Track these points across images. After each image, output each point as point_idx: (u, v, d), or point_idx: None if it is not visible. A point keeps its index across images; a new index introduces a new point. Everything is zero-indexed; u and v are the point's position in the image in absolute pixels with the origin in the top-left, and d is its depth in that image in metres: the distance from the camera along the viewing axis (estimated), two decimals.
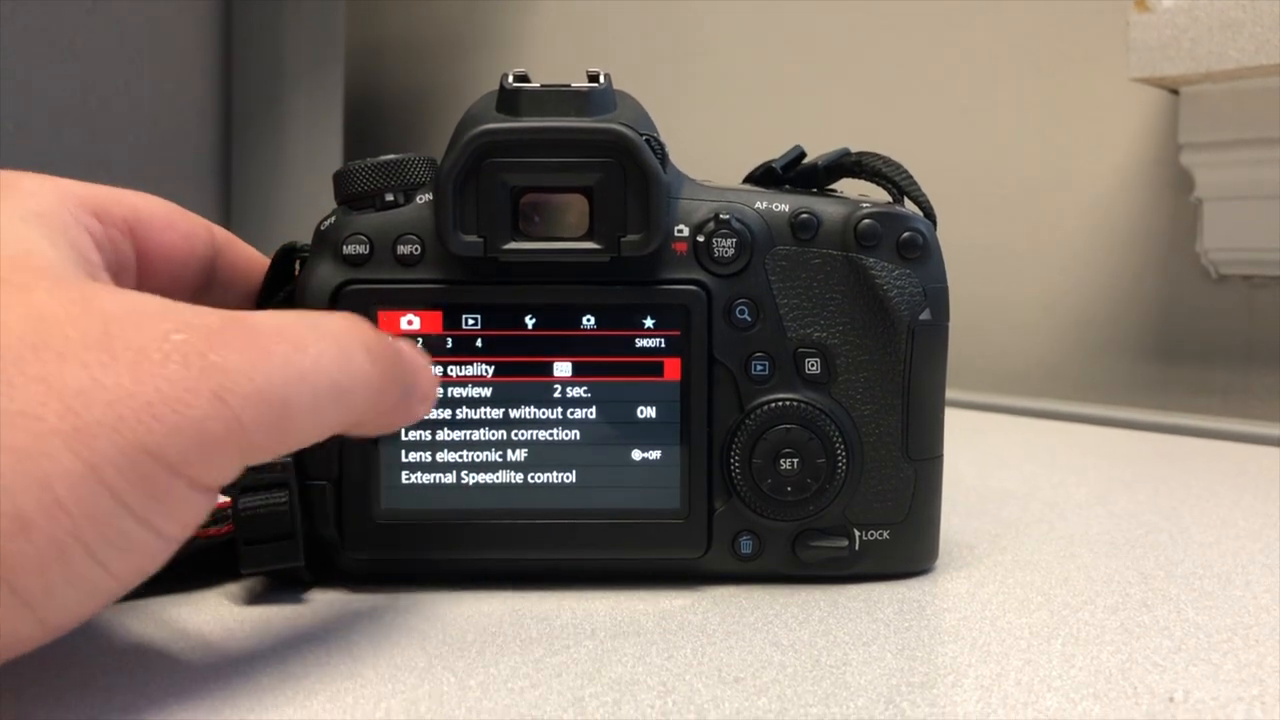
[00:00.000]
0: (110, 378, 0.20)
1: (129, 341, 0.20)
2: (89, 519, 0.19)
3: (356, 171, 0.29)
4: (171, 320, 0.21)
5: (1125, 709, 0.23)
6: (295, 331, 0.23)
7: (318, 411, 0.23)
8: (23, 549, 0.18)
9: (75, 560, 0.19)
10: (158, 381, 0.20)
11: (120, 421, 0.19)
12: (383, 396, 0.25)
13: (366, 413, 0.24)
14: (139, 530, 0.20)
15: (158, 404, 0.20)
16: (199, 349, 0.21)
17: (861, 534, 0.31)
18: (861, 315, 0.30)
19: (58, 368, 0.19)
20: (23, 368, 0.19)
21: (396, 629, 0.27)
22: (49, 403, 0.19)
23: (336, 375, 0.23)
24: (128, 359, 0.20)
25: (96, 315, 0.20)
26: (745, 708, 0.23)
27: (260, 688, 0.23)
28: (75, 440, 0.19)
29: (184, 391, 0.20)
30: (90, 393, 0.19)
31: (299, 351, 0.22)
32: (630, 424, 0.30)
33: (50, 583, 0.19)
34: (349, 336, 0.24)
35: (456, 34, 1.08)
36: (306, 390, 0.22)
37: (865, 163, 0.32)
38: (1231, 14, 0.55)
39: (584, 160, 0.29)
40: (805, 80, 0.83)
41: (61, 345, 0.20)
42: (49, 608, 0.19)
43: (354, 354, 0.24)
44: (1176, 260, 0.67)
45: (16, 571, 0.18)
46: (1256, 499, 0.42)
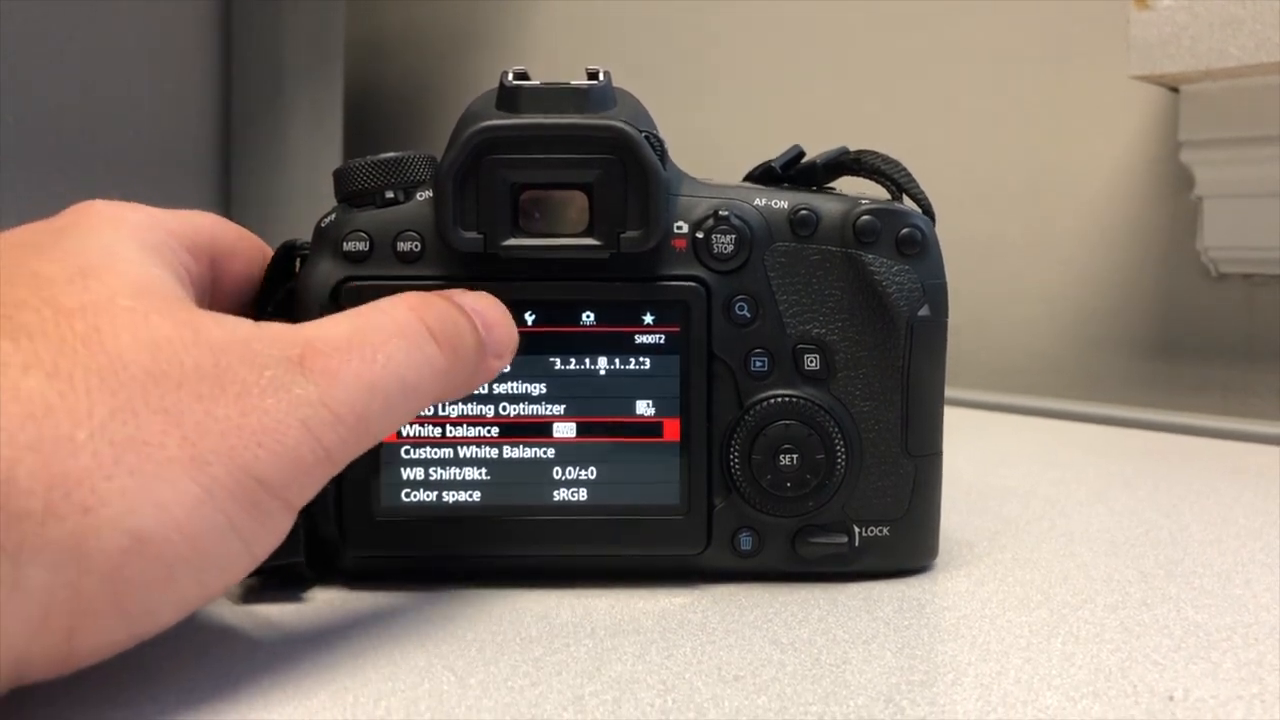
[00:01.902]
0: (221, 409, 0.21)
1: (235, 375, 0.22)
2: (202, 539, 0.21)
3: (356, 169, 0.29)
4: (264, 354, 0.23)
5: (1125, 707, 0.23)
6: (363, 338, 0.24)
7: (393, 411, 0.25)
8: (136, 565, 0.20)
9: (180, 579, 0.21)
10: (259, 414, 0.22)
11: (232, 450, 0.21)
12: (454, 375, 0.26)
13: (442, 392, 0.26)
14: (240, 549, 0.22)
15: (260, 434, 0.22)
16: (285, 382, 0.23)
17: (861, 530, 0.31)
18: (861, 311, 0.30)
19: (175, 399, 0.21)
20: (146, 398, 0.21)
21: (396, 627, 0.27)
22: (170, 431, 0.21)
23: (406, 373, 0.25)
24: (234, 391, 0.22)
25: (206, 347, 0.22)
26: (745, 706, 0.23)
27: (260, 685, 0.23)
28: (193, 467, 0.21)
29: (278, 423, 0.22)
30: (204, 424, 0.21)
31: (367, 362, 0.24)
32: (630, 420, 0.30)
33: (153, 599, 0.21)
34: (415, 328, 0.25)
35: (456, 32, 1.08)
36: (379, 399, 0.24)
37: (864, 160, 0.32)
38: (1232, 11, 0.55)
39: (584, 157, 0.29)
40: (804, 78, 0.83)
41: (179, 376, 0.21)
42: (143, 620, 0.21)
43: (421, 346, 0.25)
44: (1176, 258, 0.67)
45: (126, 586, 0.20)
46: (1256, 497, 0.41)
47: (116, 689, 0.23)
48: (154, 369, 0.21)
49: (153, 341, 0.21)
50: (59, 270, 0.22)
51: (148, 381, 0.21)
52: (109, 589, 0.20)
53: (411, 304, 0.26)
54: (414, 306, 0.26)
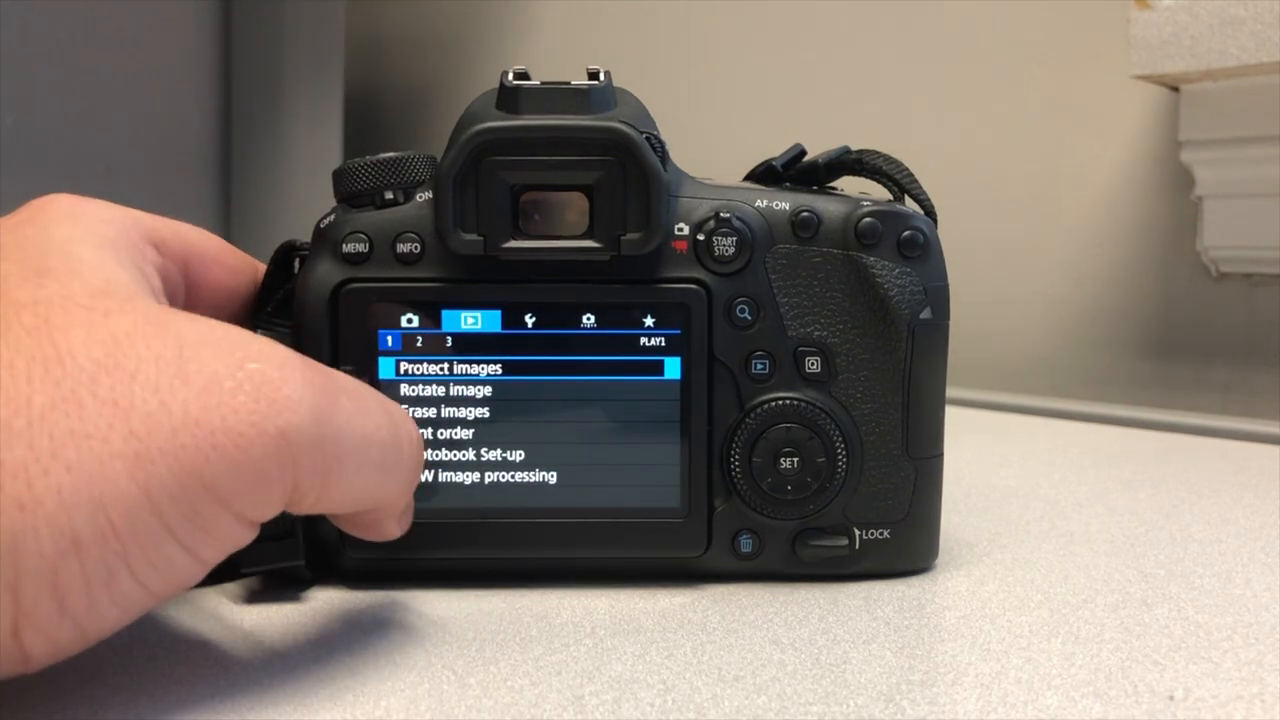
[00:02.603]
0: (178, 403, 0.20)
1: (203, 365, 0.20)
2: (137, 543, 0.19)
3: (356, 169, 0.29)
4: (247, 349, 0.21)
5: (1125, 707, 0.23)
6: (360, 394, 0.23)
7: (358, 479, 0.23)
8: (73, 568, 0.19)
9: (120, 581, 0.20)
10: (224, 412, 0.20)
11: (181, 450, 0.20)
12: (402, 495, 0.25)
13: (389, 501, 0.25)
14: (181, 555, 0.20)
15: (220, 435, 0.20)
16: (273, 380, 0.21)
17: (862, 533, 0.31)
18: (862, 314, 0.30)
19: (128, 389, 0.20)
20: (94, 388, 0.19)
21: (396, 628, 0.27)
22: (116, 425, 0.19)
23: (385, 452, 0.23)
24: (199, 384, 0.20)
25: (172, 337, 0.21)
26: (745, 706, 0.23)
27: (260, 686, 0.23)
28: (135, 465, 0.19)
29: (249, 426, 0.20)
30: (156, 417, 0.20)
31: (361, 414, 0.23)
32: (630, 422, 0.30)
33: (95, 600, 0.19)
34: (403, 424, 0.24)
35: (456, 32, 1.07)
36: (359, 454, 0.23)
37: (866, 160, 0.32)
38: (1232, 11, 0.55)
39: (584, 158, 0.29)
40: (806, 78, 0.83)
41: (135, 366, 0.20)
42: (90, 621, 0.20)
43: (403, 441, 0.24)
44: (1177, 258, 0.67)
45: (65, 588, 0.19)
46: (1257, 497, 0.41)
47: (115, 689, 0.23)
48: (106, 361, 0.20)
49: (110, 336, 0.20)
50: (14, 268, 0.22)
51: (98, 372, 0.20)
52: (48, 590, 0.19)
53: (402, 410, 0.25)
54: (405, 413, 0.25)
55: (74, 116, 0.79)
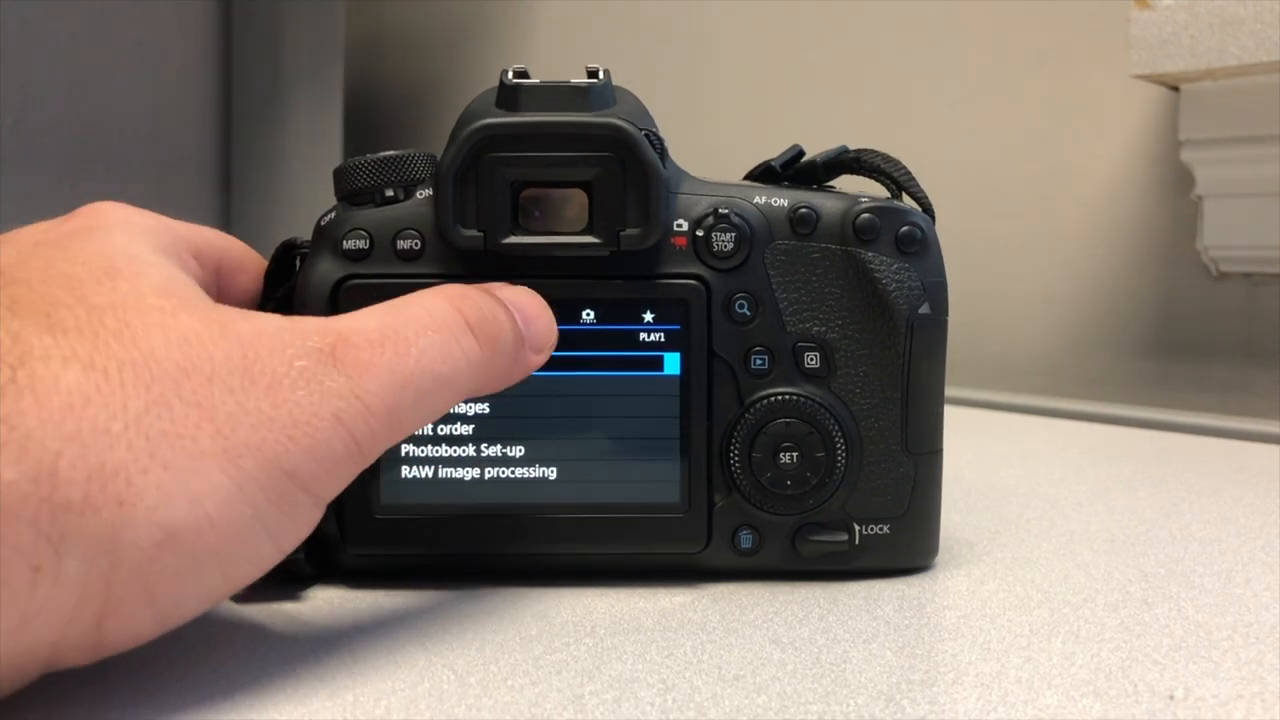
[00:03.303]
0: (252, 402, 0.22)
1: (264, 366, 0.22)
2: (231, 532, 0.21)
3: (356, 168, 0.29)
4: (294, 345, 0.23)
5: (1125, 707, 0.23)
6: (397, 331, 0.24)
7: (425, 404, 0.25)
8: (167, 559, 0.20)
9: (208, 571, 0.21)
10: (290, 406, 0.22)
11: (263, 443, 0.21)
12: (490, 368, 0.26)
13: (478, 386, 0.26)
14: (267, 542, 0.22)
15: (291, 427, 0.22)
16: (316, 374, 0.23)
17: (861, 528, 0.31)
18: (861, 309, 0.30)
19: (208, 391, 0.21)
20: (179, 392, 0.21)
21: (396, 625, 0.27)
22: (202, 425, 0.21)
23: (440, 368, 0.25)
24: (264, 383, 0.22)
25: (234, 339, 0.22)
26: (745, 705, 0.23)
27: (260, 684, 0.23)
28: (225, 460, 0.21)
29: (310, 415, 0.22)
30: (236, 416, 0.21)
31: (401, 356, 0.24)
32: (630, 418, 0.30)
33: (182, 590, 0.21)
34: (451, 320, 0.25)
35: (456, 30, 1.08)
36: (411, 392, 0.24)
37: (864, 159, 0.32)
38: (1232, 11, 0.55)
39: (583, 155, 0.29)
40: (804, 77, 0.83)
41: (209, 369, 0.21)
42: (173, 611, 0.21)
43: (458, 339, 0.25)
44: (1176, 257, 0.67)
45: (156, 580, 0.20)
46: (1257, 496, 0.41)
47: (114, 688, 0.23)
48: (184, 363, 0.21)
49: (182, 337, 0.22)
50: (86, 271, 0.23)
51: (179, 375, 0.21)
52: (140, 580, 0.20)
53: (449, 296, 0.26)
54: (452, 299, 0.26)
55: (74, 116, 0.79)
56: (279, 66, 0.90)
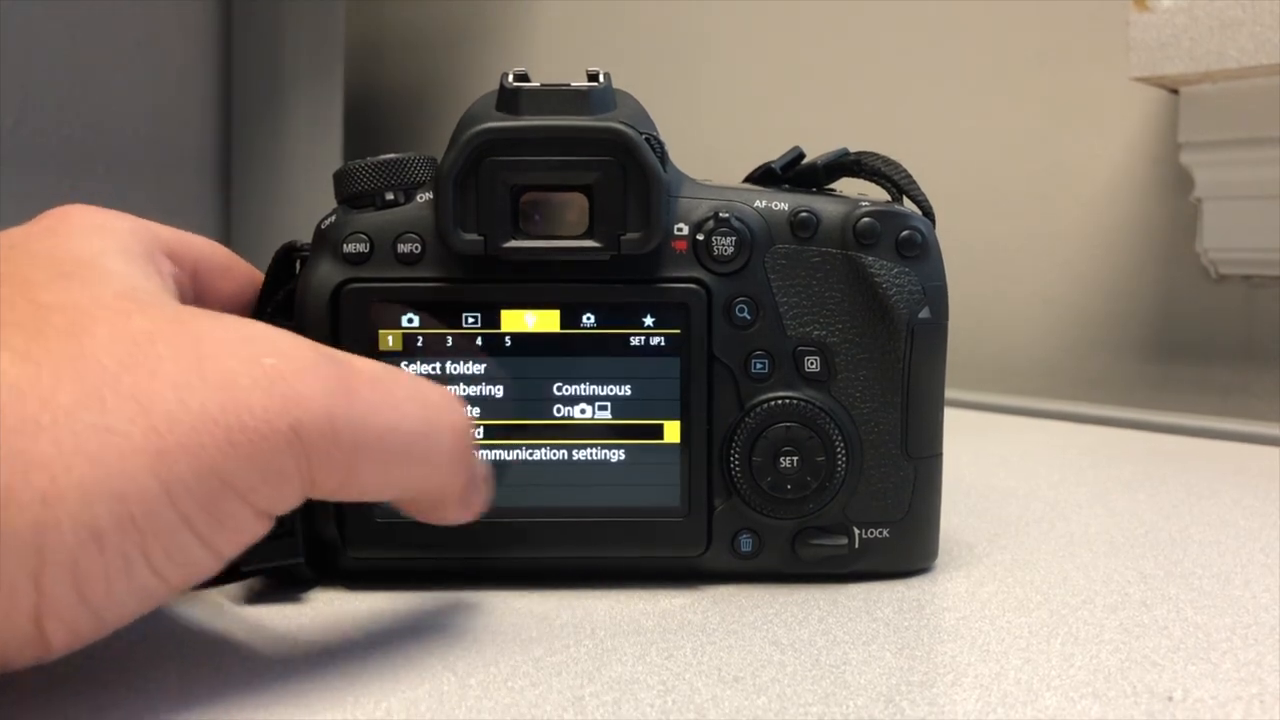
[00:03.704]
0: (196, 401, 0.20)
1: (220, 366, 0.21)
2: (156, 536, 0.20)
3: (356, 171, 0.29)
4: (266, 345, 0.22)
5: (1124, 708, 0.23)
6: (390, 385, 0.23)
7: (386, 469, 0.23)
8: (93, 559, 0.19)
9: (138, 572, 0.20)
10: (240, 411, 0.21)
11: (200, 448, 0.20)
12: (451, 480, 0.25)
13: (430, 491, 0.25)
14: (199, 548, 0.21)
15: (237, 432, 0.20)
16: (286, 377, 0.21)
17: (861, 532, 0.31)
18: (861, 313, 0.30)
19: (149, 386, 0.20)
20: (116, 385, 0.20)
21: (397, 628, 0.27)
22: (137, 420, 0.20)
23: (415, 442, 0.23)
24: (216, 382, 0.21)
25: (190, 335, 0.21)
26: (745, 707, 0.23)
27: (260, 687, 0.23)
28: (156, 460, 0.20)
29: (262, 422, 0.21)
30: (176, 415, 0.20)
31: (387, 407, 0.23)
32: (630, 422, 0.30)
33: (113, 590, 0.20)
34: (441, 411, 0.24)
35: (456, 33, 1.08)
36: (380, 446, 0.23)
37: (864, 162, 0.32)
38: (1231, 13, 0.55)
39: (584, 159, 0.29)
40: (805, 80, 0.83)
41: (154, 364, 0.20)
42: (109, 611, 0.20)
43: (440, 430, 0.24)
44: (1176, 260, 0.67)
45: (85, 578, 0.19)
46: (1256, 499, 0.42)
47: (115, 689, 0.23)
48: (128, 360, 0.20)
49: (130, 336, 0.21)
50: (42, 274, 0.22)
51: (120, 371, 0.20)
52: (69, 579, 0.19)
53: (450, 394, 0.25)
54: (452, 396, 0.25)
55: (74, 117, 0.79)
56: (279, 66, 0.90)
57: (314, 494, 0.22)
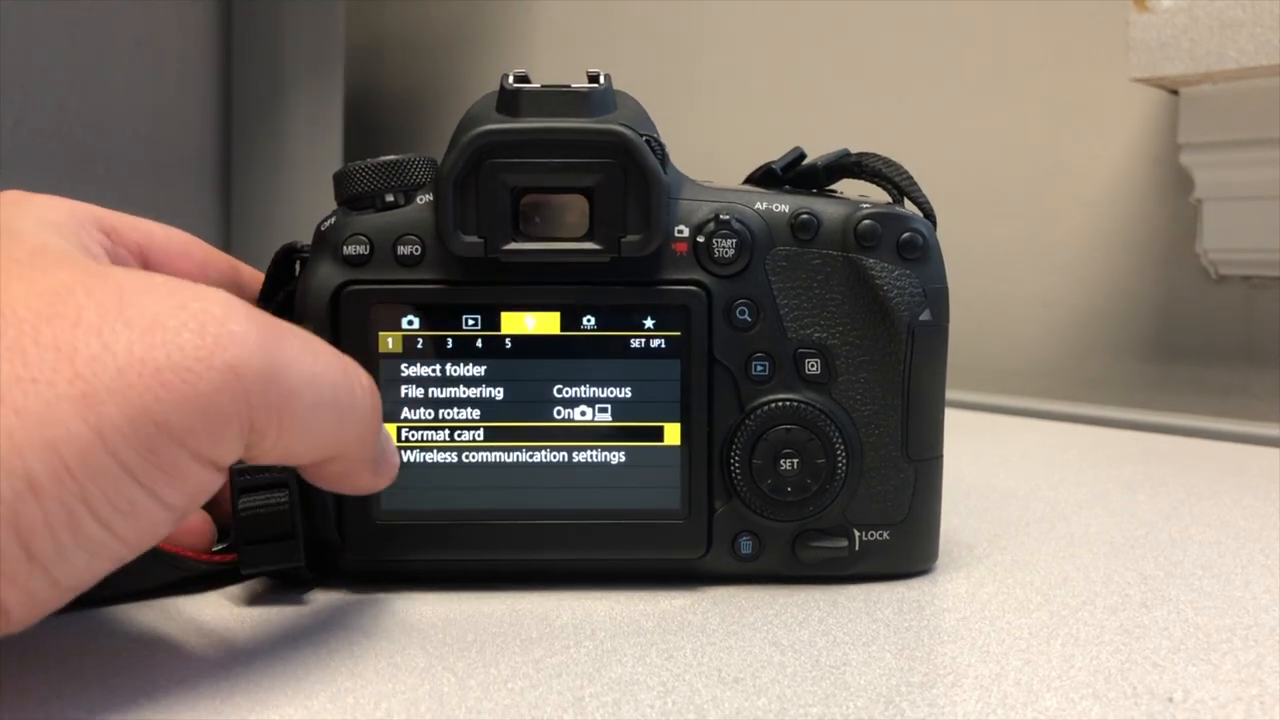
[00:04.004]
0: (122, 344, 0.20)
1: (144, 309, 0.20)
2: (95, 483, 0.19)
3: (357, 172, 0.29)
4: (191, 291, 0.21)
5: (1125, 709, 0.23)
6: (308, 337, 0.23)
7: (316, 418, 0.23)
8: (32, 511, 0.19)
9: (84, 523, 0.20)
10: (170, 349, 0.20)
11: (129, 389, 0.20)
12: (368, 438, 0.25)
13: (351, 447, 0.25)
14: (144, 498, 0.20)
15: (167, 372, 0.20)
16: (218, 317, 0.21)
17: (861, 534, 0.31)
18: (861, 316, 0.30)
19: (70, 334, 0.20)
20: (36, 336, 0.20)
21: (397, 629, 0.27)
22: (60, 369, 0.19)
23: (338, 392, 0.23)
24: (142, 325, 0.20)
25: (113, 286, 0.21)
26: (745, 708, 0.23)
27: (261, 687, 0.23)
28: (84, 406, 0.19)
29: (195, 361, 0.20)
30: (101, 359, 0.20)
31: (310, 353, 0.23)
32: (630, 424, 0.30)
33: (60, 544, 0.19)
34: (353, 370, 0.24)
35: (457, 34, 1.08)
36: (311, 391, 0.22)
37: (865, 163, 0.32)
38: (1231, 14, 0.55)
39: (584, 161, 0.29)
40: (806, 81, 0.83)
41: (76, 314, 0.20)
42: (60, 569, 0.20)
43: (356, 384, 0.24)
44: (1176, 261, 0.67)
45: (28, 533, 0.19)
46: (1256, 499, 0.42)
47: (115, 690, 0.23)
48: (47, 311, 0.20)
49: (50, 288, 0.20)
50: None
51: (38, 322, 0.20)
52: (10, 535, 0.19)
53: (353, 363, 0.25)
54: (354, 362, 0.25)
55: (74, 116, 0.79)
56: (279, 67, 0.90)
57: (256, 447, 0.22)
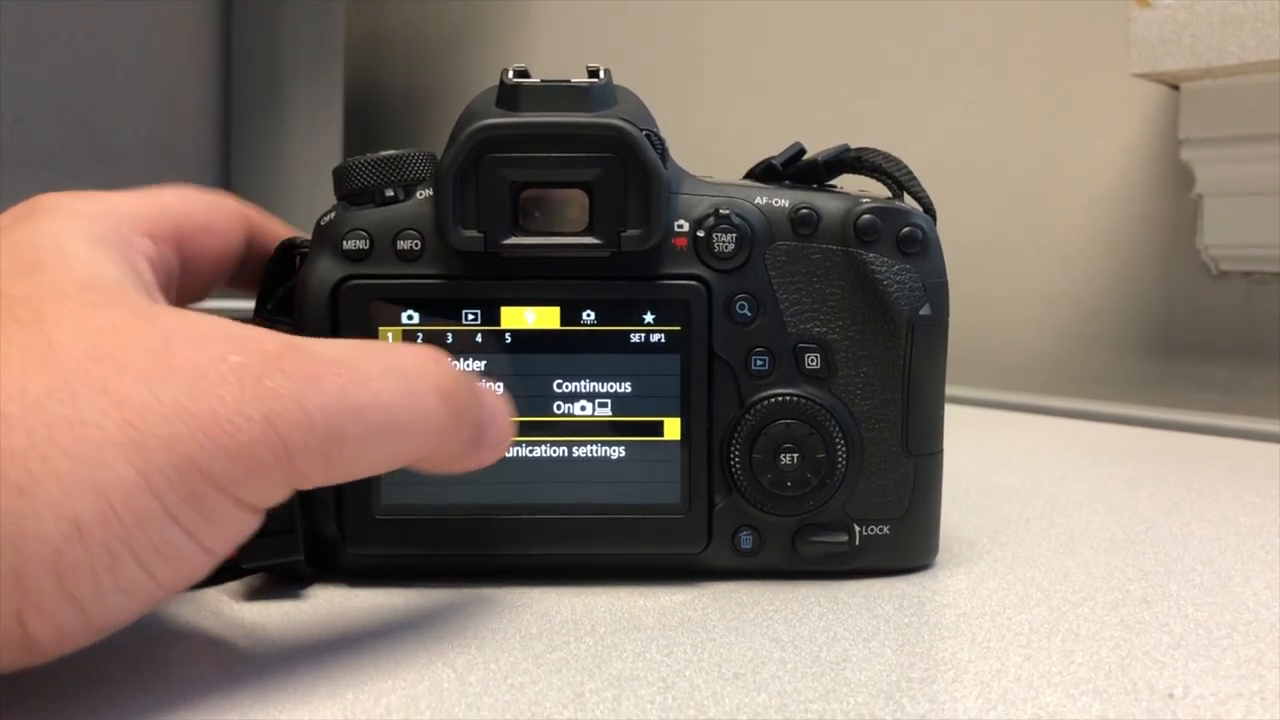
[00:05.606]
0: (168, 393, 0.20)
1: (188, 359, 0.21)
2: (140, 528, 0.20)
3: (356, 167, 0.29)
4: (230, 343, 0.21)
5: (1125, 705, 0.23)
6: (358, 362, 0.23)
7: (370, 446, 0.23)
8: (77, 553, 0.19)
9: (125, 567, 0.20)
10: (212, 401, 0.20)
11: (175, 438, 0.20)
12: (448, 438, 0.25)
13: (430, 452, 0.24)
14: (186, 542, 0.21)
15: (210, 423, 0.20)
16: (254, 373, 0.21)
17: (861, 529, 0.31)
18: (861, 310, 0.30)
19: (119, 380, 0.20)
20: (86, 379, 0.20)
21: (396, 625, 0.27)
22: (110, 413, 0.20)
23: (397, 413, 0.23)
24: (186, 376, 0.21)
25: (159, 332, 0.21)
26: (745, 704, 0.23)
27: (260, 683, 0.23)
28: (132, 451, 0.20)
29: (235, 414, 0.21)
30: (149, 406, 0.20)
31: (358, 385, 0.22)
32: (630, 419, 0.30)
33: (100, 586, 0.20)
34: (421, 374, 0.24)
35: (456, 29, 1.08)
36: (359, 425, 0.22)
37: (865, 158, 0.32)
38: (1232, 10, 0.55)
39: (584, 155, 0.29)
40: (806, 77, 0.83)
41: (124, 359, 0.20)
42: (96, 609, 0.20)
43: (422, 394, 0.24)
44: (1177, 256, 0.67)
45: (70, 573, 0.19)
46: (1257, 495, 0.41)
47: (115, 687, 0.23)
48: (95, 352, 0.20)
49: (97, 328, 0.21)
50: (8, 264, 0.22)
51: (88, 363, 0.20)
52: (52, 575, 0.19)
53: (429, 352, 0.24)
54: (430, 355, 0.24)
55: (74, 115, 0.79)
56: (279, 62, 0.90)
57: (303, 484, 0.22)
